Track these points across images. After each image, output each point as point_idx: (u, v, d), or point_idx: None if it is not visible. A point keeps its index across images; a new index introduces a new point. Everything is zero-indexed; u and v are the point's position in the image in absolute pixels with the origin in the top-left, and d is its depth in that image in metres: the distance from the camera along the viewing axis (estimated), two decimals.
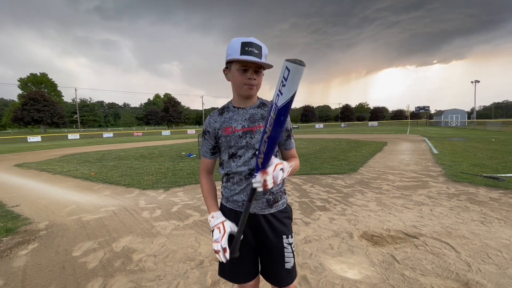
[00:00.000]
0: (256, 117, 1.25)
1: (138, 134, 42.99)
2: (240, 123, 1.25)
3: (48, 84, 68.60)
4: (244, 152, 1.24)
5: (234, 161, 1.26)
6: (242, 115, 1.26)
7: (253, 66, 1.15)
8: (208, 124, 1.31)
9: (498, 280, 2.08)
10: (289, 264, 1.29)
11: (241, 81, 1.18)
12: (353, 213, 3.72)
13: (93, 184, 6.18)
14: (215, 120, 1.29)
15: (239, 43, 1.12)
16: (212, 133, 1.29)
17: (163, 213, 3.97)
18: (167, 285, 2.19)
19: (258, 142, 1.22)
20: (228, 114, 1.28)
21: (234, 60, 1.14)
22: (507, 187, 4.69)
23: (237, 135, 1.24)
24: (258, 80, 1.20)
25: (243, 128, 1.24)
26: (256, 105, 1.28)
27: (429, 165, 7.20)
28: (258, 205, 1.27)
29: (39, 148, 19.93)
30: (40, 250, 2.89)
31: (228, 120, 1.26)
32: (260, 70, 1.19)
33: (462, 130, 26.20)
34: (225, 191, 1.34)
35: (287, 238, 1.30)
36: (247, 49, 1.11)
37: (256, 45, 1.13)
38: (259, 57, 1.13)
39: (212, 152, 1.33)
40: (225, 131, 1.25)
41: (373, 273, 2.24)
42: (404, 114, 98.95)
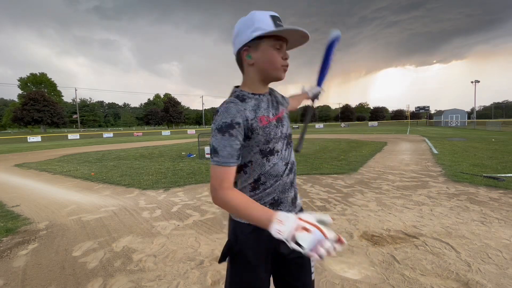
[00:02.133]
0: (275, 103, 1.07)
1: (138, 134, 42.98)
2: (269, 111, 1.02)
3: (48, 84, 68.61)
4: (279, 145, 1.02)
5: (269, 160, 0.99)
6: (265, 102, 1.03)
7: (285, 43, 0.98)
8: (236, 113, 0.93)
9: (498, 280, 2.08)
10: (313, 275, 1.13)
11: (276, 61, 0.96)
12: (353, 213, 3.72)
13: (93, 184, 6.18)
14: (245, 108, 0.96)
15: (267, 16, 0.93)
16: (244, 124, 0.93)
17: (163, 213, 3.97)
18: (167, 285, 2.19)
19: (287, 128, 1.07)
20: (251, 102, 0.99)
21: (268, 35, 0.92)
22: (507, 187, 4.69)
23: (273, 124, 1.00)
24: None
25: (274, 115, 1.02)
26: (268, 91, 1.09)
27: (429, 165, 7.20)
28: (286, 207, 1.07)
29: (39, 148, 19.93)
30: (40, 250, 2.89)
31: (258, 108, 0.99)
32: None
33: (462, 130, 26.21)
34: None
35: None
36: (279, 23, 0.93)
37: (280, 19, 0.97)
38: None
39: (238, 154, 0.95)
40: (261, 121, 0.97)
41: (373, 273, 2.24)
42: (404, 114, 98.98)
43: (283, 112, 1.08)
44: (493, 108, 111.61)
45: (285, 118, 1.09)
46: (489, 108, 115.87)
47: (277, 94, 1.14)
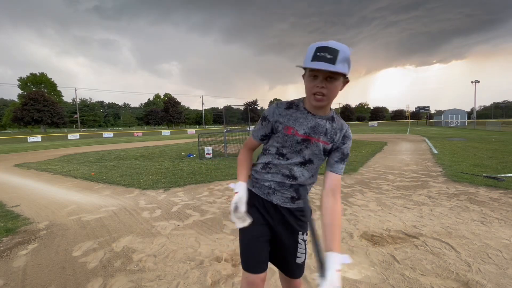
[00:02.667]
0: (319, 129, 1.19)
1: (138, 134, 42.98)
2: (303, 128, 1.19)
3: (47, 84, 68.57)
4: (293, 157, 1.23)
5: (279, 159, 1.25)
6: (308, 121, 1.19)
7: (323, 73, 1.05)
8: (271, 113, 1.23)
9: (498, 280, 2.08)
10: (300, 259, 1.35)
11: (310, 88, 1.10)
12: (353, 213, 3.72)
13: (93, 184, 6.18)
14: (280, 113, 1.22)
15: (314, 48, 1.05)
16: (272, 123, 1.24)
17: (163, 213, 3.97)
18: (167, 285, 2.19)
19: (310, 154, 1.22)
20: (295, 113, 1.20)
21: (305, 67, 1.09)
22: (507, 187, 4.69)
23: (296, 139, 1.19)
24: (330, 88, 1.07)
25: (304, 134, 1.19)
26: (326, 117, 1.20)
27: (429, 165, 7.20)
28: (282, 198, 1.31)
29: (39, 148, 19.93)
30: (40, 250, 2.89)
31: (293, 119, 1.20)
32: (334, 77, 1.06)
33: (462, 130, 26.21)
34: (255, 176, 1.35)
35: (302, 234, 1.34)
36: (318, 55, 1.02)
37: (331, 49, 1.01)
38: (332, 62, 1.01)
39: (262, 138, 1.32)
40: (287, 130, 1.20)
41: (373, 273, 2.24)
42: (404, 114, 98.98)
43: (316, 140, 1.20)
44: (493, 108, 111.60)
45: (316, 146, 1.21)
46: (489, 108, 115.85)
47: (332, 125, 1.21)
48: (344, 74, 1.06)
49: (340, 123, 1.23)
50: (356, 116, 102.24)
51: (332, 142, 1.21)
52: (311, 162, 1.24)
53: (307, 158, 1.22)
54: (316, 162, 1.25)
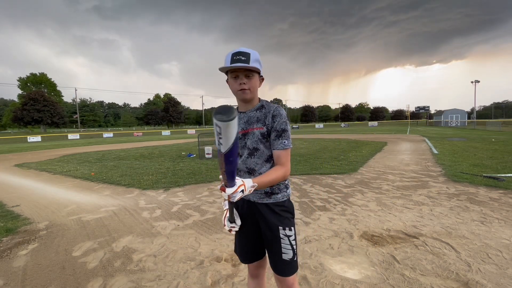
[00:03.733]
0: (252, 120, 1.35)
1: (138, 134, 42.98)
2: (240, 126, 1.35)
3: (47, 84, 68.57)
4: (243, 152, 1.38)
5: (240, 159, 1.39)
6: (242, 119, 1.38)
7: (242, 72, 1.26)
8: None
9: (498, 280, 2.08)
10: (286, 256, 1.35)
11: (234, 87, 1.30)
12: (353, 213, 3.72)
13: (93, 184, 6.18)
14: None
15: (230, 55, 1.25)
16: None
17: (163, 213, 3.97)
18: (167, 285, 2.19)
19: (251, 143, 1.35)
20: None
21: (226, 70, 1.28)
22: (507, 187, 4.69)
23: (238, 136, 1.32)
24: (250, 83, 1.28)
25: (242, 130, 1.36)
26: (255, 108, 1.37)
27: (429, 165, 7.20)
28: (257, 194, 1.37)
29: (39, 148, 19.93)
30: (40, 250, 2.89)
31: None
32: (251, 75, 1.27)
33: (462, 130, 26.21)
34: None
35: (283, 229, 1.35)
36: (235, 58, 1.23)
37: (244, 52, 1.23)
38: (247, 62, 1.22)
39: None
40: None
41: (373, 273, 2.24)
42: (404, 114, 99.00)
43: (251, 129, 1.34)
44: (493, 108, 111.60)
45: (253, 134, 1.34)
46: (489, 108, 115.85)
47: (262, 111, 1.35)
48: (257, 71, 1.29)
49: (269, 107, 1.35)
50: (356, 116, 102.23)
51: (264, 125, 1.33)
52: (257, 150, 1.35)
53: (252, 147, 1.35)
54: (262, 148, 1.34)
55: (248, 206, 1.42)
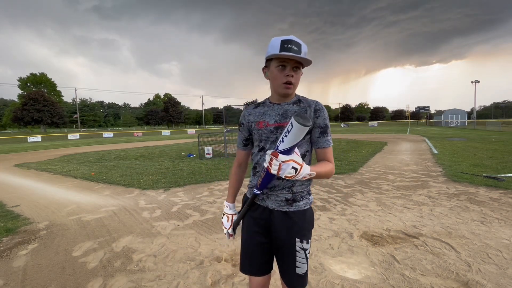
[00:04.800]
0: (289, 113, 1.24)
1: (138, 134, 42.97)
2: (273, 118, 1.25)
3: (47, 84, 68.54)
4: (272, 147, 1.24)
5: (261, 155, 1.29)
6: (276, 110, 1.26)
7: (291, 63, 1.15)
8: (243, 116, 1.36)
9: (498, 280, 2.08)
10: (300, 270, 1.25)
11: (279, 78, 1.18)
12: (353, 213, 3.72)
13: (93, 184, 6.18)
14: (250, 113, 1.33)
15: (279, 41, 1.13)
16: (246, 125, 1.34)
17: (163, 213, 3.97)
18: (167, 285, 2.19)
19: None
20: (263, 109, 1.31)
21: (274, 57, 1.16)
22: (507, 187, 4.69)
23: (269, 129, 1.25)
24: (296, 77, 1.19)
25: (275, 122, 1.24)
26: (292, 101, 1.27)
27: (429, 165, 7.20)
28: (277, 201, 1.26)
29: (39, 148, 19.92)
30: (40, 250, 2.89)
31: (262, 114, 1.29)
32: (298, 68, 1.18)
33: (462, 130, 26.21)
34: (251, 183, 1.37)
35: (301, 242, 1.24)
36: (286, 46, 1.12)
37: (296, 42, 1.13)
38: (298, 53, 1.13)
39: (244, 143, 1.39)
40: (258, 125, 1.28)
41: (373, 273, 2.24)
42: (404, 114, 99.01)
43: (285, 124, 1.23)
44: (493, 108, 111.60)
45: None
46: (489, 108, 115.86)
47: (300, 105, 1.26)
48: (306, 64, 1.19)
49: (308, 101, 1.26)
50: (356, 116, 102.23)
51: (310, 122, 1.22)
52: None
53: None
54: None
55: (265, 213, 1.30)
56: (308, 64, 1.19)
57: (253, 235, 1.33)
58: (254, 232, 1.32)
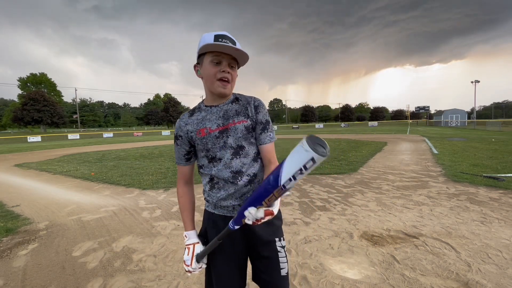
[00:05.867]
0: (230, 114, 1.15)
1: (138, 134, 42.98)
2: (215, 122, 1.14)
3: (47, 84, 68.59)
4: (223, 154, 1.14)
5: (214, 165, 1.16)
6: (215, 113, 1.15)
7: (226, 58, 1.07)
8: (178, 128, 1.20)
9: (498, 280, 2.08)
10: (284, 271, 1.19)
11: (213, 74, 1.08)
12: (353, 213, 3.72)
13: (93, 184, 6.18)
14: (186, 123, 1.18)
15: (211, 35, 1.05)
16: (185, 137, 1.18)
17: (163, 213, 3.97)
18: (167, 285, 2.19)
19: (235, 140, 1.13)
20: (200, 115, 1.18)
21: (207, 51, 1.07)
22: (507, 187, 4.69)
23: (213, 135, 1.13)
24: (233, 75, 1.11)
25: (218, 127, 1.14)
26: (230, 100, 1.18)
27: (429, 165, 7.20)
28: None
29: (39, 148, 19.92)
30: (40, 250, 2.89)
31: (201, 121, 1.16)
32: (234, 65, 1.11)
33: (462, 130, 26.21)
34: (211, 198, 1.21)
35: (279, 241, 1.20)
36: (220, 40, 1.03)
37: (230, 38, 1.06)
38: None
39: (186, 158, 1.23)
40: (200, 133, 1.15)
41: (373, 273, 2.24)
42: (404, 114, 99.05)
43: (232, 124, 1.14)
44: (493, 108, 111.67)
45: (235, 129, 1.13)
46: (489, 108, 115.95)
47: (239, 103, 1.18)
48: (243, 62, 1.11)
49: (245, 98, 1.20)
50: (356, 116, 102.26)
51: (248, 117, 1.15)
52: (243, 147, 1.14)
53: (235, 145, 1.14)
54: (247, 145, 1.15)
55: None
56: (245, 61, 1.11)
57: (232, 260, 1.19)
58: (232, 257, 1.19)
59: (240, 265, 1.21)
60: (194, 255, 1.15)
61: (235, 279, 1.20)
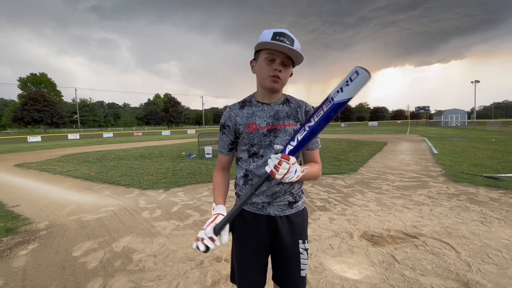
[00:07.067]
0: (281, 115, 1.16)
1: (138, 134, 42.96)
2: (264, 120, 1.15)
3: (47, 84, 68.57)
4: (266, 152, 1.15)
5: (254, 161, 1.17)
6: (266, 111, 1.16)
7: (281, 56, 1.07)
8: (228, 117, 1.19)
9: (498, 280, 2.08)
10: (304, 272, 1.21)
11: (266, 71, 1.09)
12: (353, 213, 3.72)
13: (93, 184, 6.18)
14: (236, 114, 1.18)
15: (271, 32, 1.06)
16: (233, 127, 1.18)
17: (163, 213, 3.97)
18: (167, 285, 2.19)
19: (282, 141, 1.15)
20: (250, 109, 1.18)
21: (263, 48, 1.08)
22: (507, 187, 4.69)
23: (261, 132, 1.15)
24: (285, 73, 1.11)
25: (267, 125, 1.15)
26: (281, 101, 1.19)
27: (429, 165, 7.20)
28: (279, 207, 1.20)
29: (39, 148, 19.92)
30: (40, 250, 2.89)
31: (251, 116, 1.17)
32: (288, 64, 1.10)
33: (462, 130, 26.20)
34: (243, 193, 1.24)
35: (303, 243, 1.22)
36: (278, 38, 1.04)
37: (289, 36, 1.06)
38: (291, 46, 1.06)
39: (230, 148, 1.25)
40: (248, 128, 1.15)
41: (373, 273, 2.24)
42: (404, 114, 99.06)
43: (282, 125, 1.16)
44: (493, 108, 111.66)
45: (284, 131, 1.16)
46: (489, 108, 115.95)
47: (290, 106, 1.20)
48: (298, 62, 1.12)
49: (296, 101, 1.22)
50: (356, 116, 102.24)
51: (297, 121, 1.18)
52: None
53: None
54: None
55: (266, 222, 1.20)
56: (299, 61, 1.12)
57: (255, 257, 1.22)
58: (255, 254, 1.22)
59: (262, 263, 1.24)
60: (214, 222, 1.05)
61: (259, 277, 1.23)
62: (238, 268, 1.24)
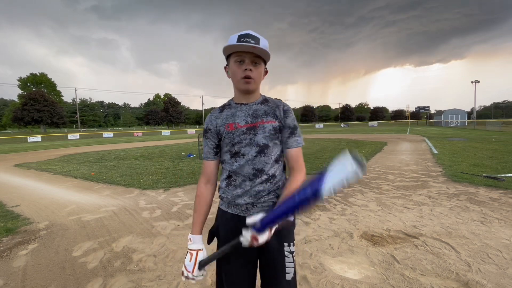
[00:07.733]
0: (259, 113, 1.19)
1: (138, 134, 42.96)
2: (243, 119, 1.18)
3: (47, 84, 68.58)
4: (248, 150, 1.16)
5: (237, 160, 1.18)
6: (245, 111, 1.19)
7: (248, 56, 1.10)
8: (209, 121, 1.24)
9: (498, 280, 2.08)
10: (289, 275, 1.19)
11: (238, 73, 1.12)
12: (353, 213, 3.72)
13: (93, 184, 6.18)
14: (217, 117, 1.23)
15: (236, 36, 1.10)
16: (214, 130, 1.22)
17: (163, 213, 3.97)
18: (167, 285, 2.19)
19: (262, 138, 1.16)
20: (230, 111, 1.22)
21: (231, 52, 1.12)
22: (507, 187, 4.69)
23: (241, 131, 1.17)
24: (256, 72, 1.13)
25: (246, 124, 1.17)
26: (259, 101, 1.22)
27: (429, 165, 7.20)
28: (264, 208, 1.18)
29: (39, 148, 19.92)
30: (40, 250, 2.89)
31: (231, 116, 1.20)
32: (258, 62, 1.13)
33: (462, 130, 26.20)
34: (226, 195, 1.23)
35: (288, 246, 1.20)
36: (242, 40, 1.07)
37: (253, 36, 1.09)
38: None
39: (215, 152, 1.25)
40: (228, 127, 1.18)
41: (373, 273, 2.24)
42: (404, 114, 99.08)
43: (261, 123, 1.17)
44: (493, 108, 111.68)
45: (263, 128, 1.17)
46: (489, 108, 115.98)
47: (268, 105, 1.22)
48: (266, 58, 1.14)
49: (274, 102, 1.24)
50: (356, 116, 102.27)
51: (276, 118, 1.19)
52: (268, 146, 1.17)
53: (261, 144, 1.16)
54: (271, 145, 1.18)
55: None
56: (267, 57, 1.14)
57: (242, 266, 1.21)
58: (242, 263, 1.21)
59: (251, 272, 1.23)
60: (197, 262, 1.13)
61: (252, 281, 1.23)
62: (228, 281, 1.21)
